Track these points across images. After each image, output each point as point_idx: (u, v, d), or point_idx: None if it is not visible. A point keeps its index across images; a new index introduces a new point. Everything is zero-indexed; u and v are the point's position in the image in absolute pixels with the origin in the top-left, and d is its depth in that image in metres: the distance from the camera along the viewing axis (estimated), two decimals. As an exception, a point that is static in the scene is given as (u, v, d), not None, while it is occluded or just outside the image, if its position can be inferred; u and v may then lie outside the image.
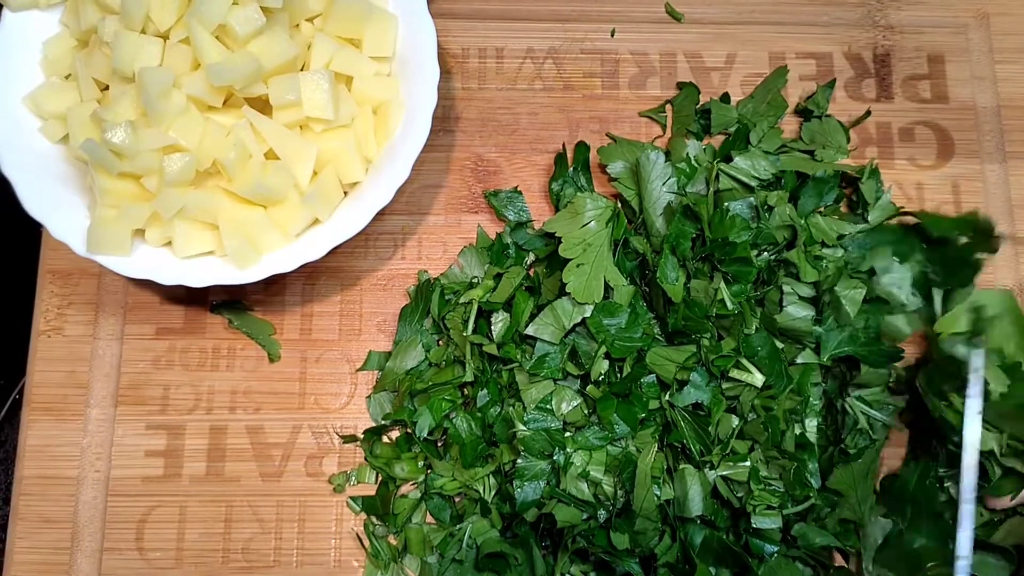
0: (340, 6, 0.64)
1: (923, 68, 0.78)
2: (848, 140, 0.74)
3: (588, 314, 0.66)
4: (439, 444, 0.69)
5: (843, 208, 0.73)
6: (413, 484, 0.69)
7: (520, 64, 0.77)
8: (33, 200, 0.62)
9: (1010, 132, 0.77)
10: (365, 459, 0.69)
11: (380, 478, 0.69)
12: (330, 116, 0.63)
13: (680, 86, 0.76)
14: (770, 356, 0.64)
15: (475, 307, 0.69)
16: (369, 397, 0.70)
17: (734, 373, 0.64)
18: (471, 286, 0.70)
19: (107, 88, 0.64)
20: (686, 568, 0.63)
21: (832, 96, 0.77)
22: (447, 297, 0.70)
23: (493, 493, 0.67)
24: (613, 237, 0.67)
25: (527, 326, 0.66)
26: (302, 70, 0.65)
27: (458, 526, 0.66)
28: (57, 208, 0.63)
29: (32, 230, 0.67)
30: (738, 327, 0.64)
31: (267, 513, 0.68)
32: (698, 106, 0.76)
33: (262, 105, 0.64)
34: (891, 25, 0.79)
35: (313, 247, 0.63)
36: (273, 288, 0.72)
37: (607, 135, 0.75)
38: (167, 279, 0.62)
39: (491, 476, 0.67)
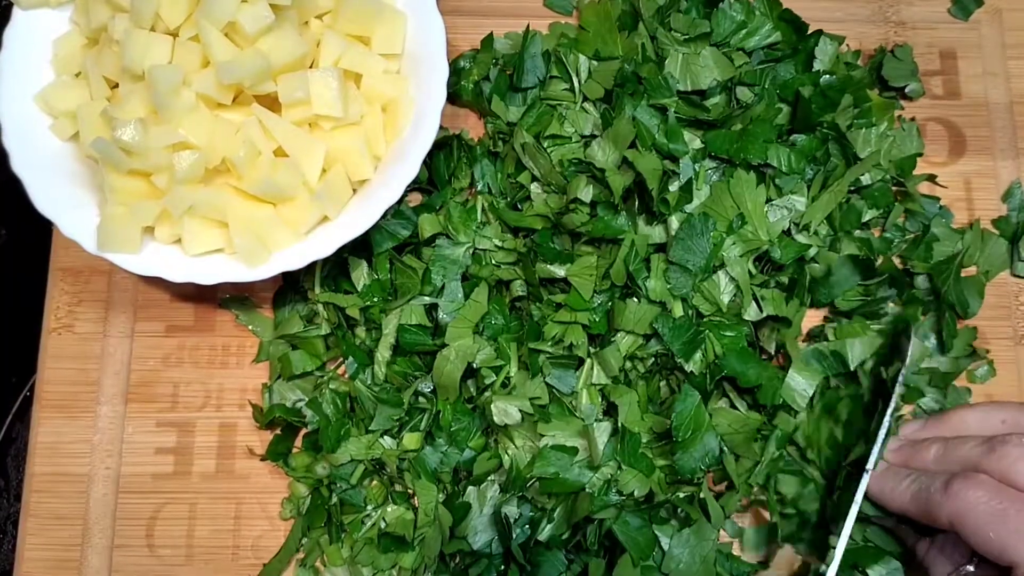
0: (349, 4, 0.64)
1: (935, 64, 0.77)
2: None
3: None
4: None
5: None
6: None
7: (529, 61, 0.76)
8: (43, 198, 0.62)
9: (1023, 128, 0.76)
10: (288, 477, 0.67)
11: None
12: (339, 114, 0.63)
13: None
14: None
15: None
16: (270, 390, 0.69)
17: None
18: None
19: (117, 86, 0.64)
20: None
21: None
22: None
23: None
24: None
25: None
26: (311, 68, 0.65)
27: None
28: (67, 206, 0.63)
29: (42, 228, 0.67)
30: None
31: (276, 510, 0.68)
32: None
33: (271, 103, 0.64)
34: (902, 21, 0.78)
35: (322, 245, 0.63)
36: (282, 286, 0.72)
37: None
38: (177, 277, 0.62)
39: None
